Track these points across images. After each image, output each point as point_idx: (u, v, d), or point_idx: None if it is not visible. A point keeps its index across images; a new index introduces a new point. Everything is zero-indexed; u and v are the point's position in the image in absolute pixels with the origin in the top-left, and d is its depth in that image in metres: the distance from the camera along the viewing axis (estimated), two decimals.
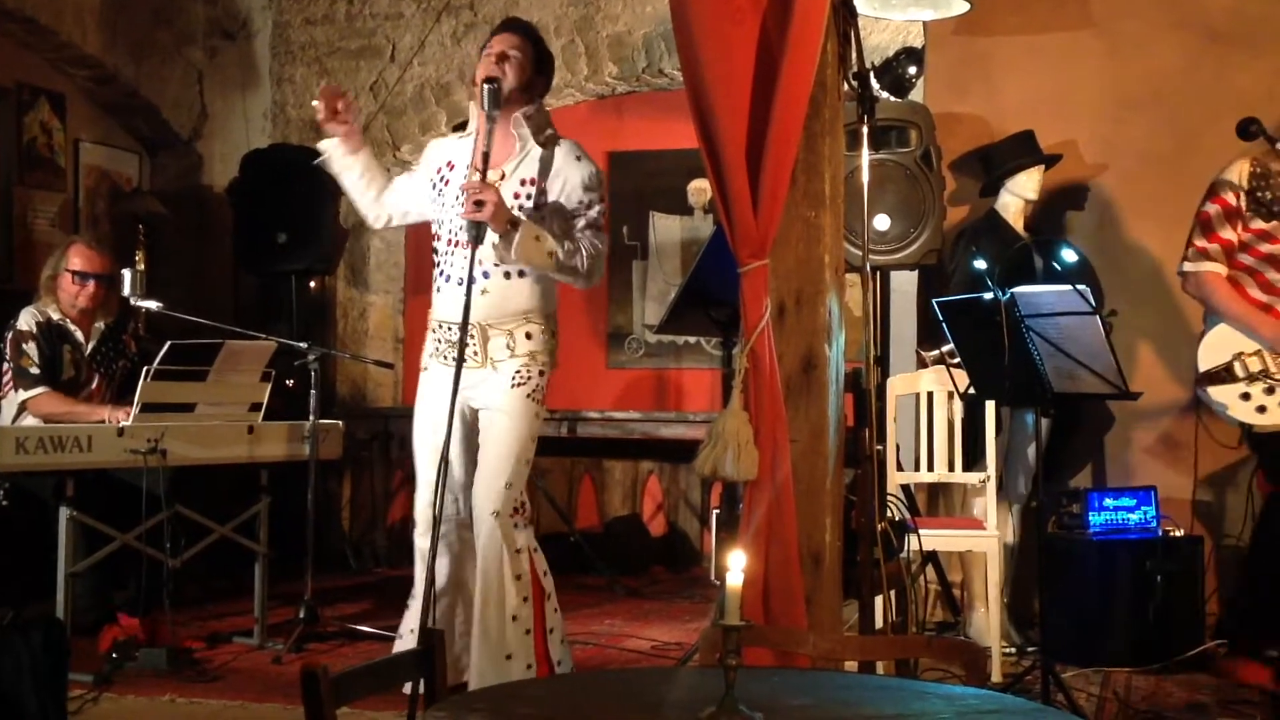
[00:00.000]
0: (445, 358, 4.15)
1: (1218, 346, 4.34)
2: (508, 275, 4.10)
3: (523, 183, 4.11)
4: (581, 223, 4.14)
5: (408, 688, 3.11)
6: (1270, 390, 4.29)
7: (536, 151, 4.14)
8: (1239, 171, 4.34)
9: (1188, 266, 4.42)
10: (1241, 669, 4.38)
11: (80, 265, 5.35)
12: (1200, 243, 4.40)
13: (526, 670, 4.09)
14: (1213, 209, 4.38)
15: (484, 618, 4.10)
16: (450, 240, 4.16)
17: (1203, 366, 4.43)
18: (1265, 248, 4.34)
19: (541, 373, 4.16)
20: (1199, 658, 4.73)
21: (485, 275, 4.08)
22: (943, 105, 5.61)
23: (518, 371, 4.12)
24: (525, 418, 4.13)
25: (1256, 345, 4.35)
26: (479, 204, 3.86)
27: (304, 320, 7.07)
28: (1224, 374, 4.31)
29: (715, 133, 3.29)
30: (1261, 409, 4.33)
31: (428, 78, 7.59)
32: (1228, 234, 4.36)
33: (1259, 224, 4.31)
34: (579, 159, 4.15)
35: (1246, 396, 4.34)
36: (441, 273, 4.19)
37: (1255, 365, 4.32)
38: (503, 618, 4.08)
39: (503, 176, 4.11)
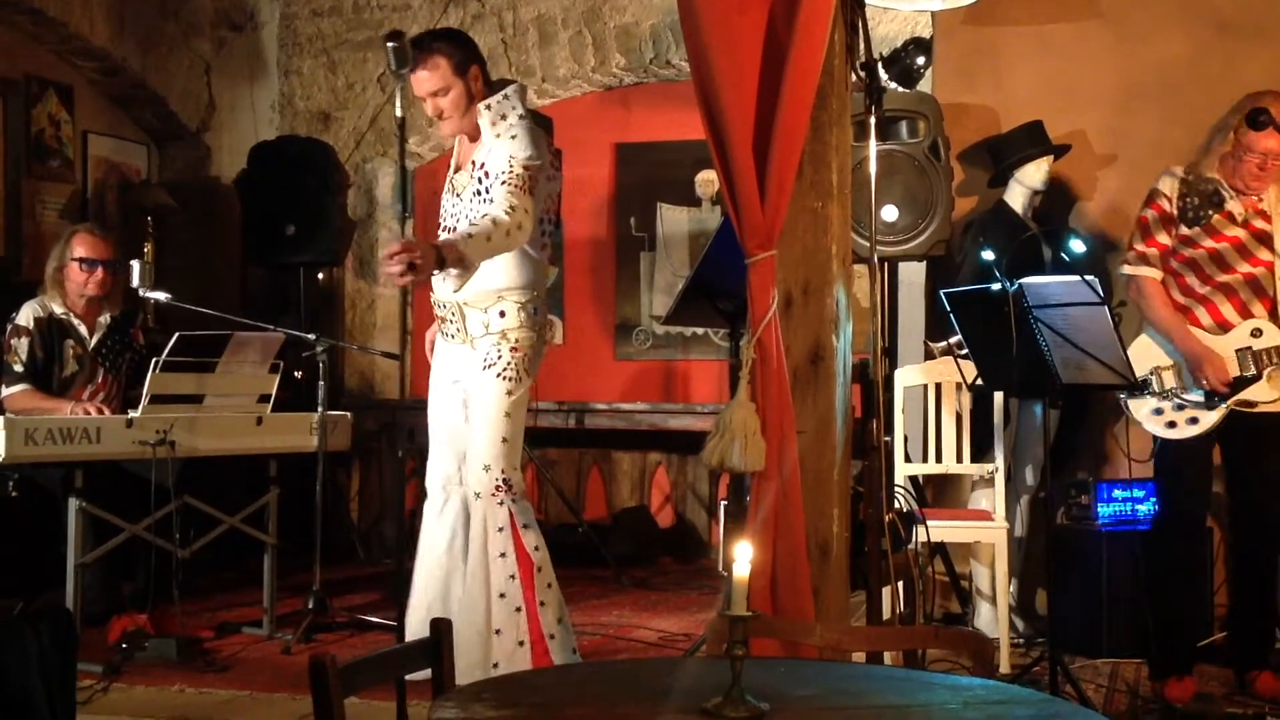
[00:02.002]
0: (445, 334, 4.42)
1: (1138, 359, 4.35)
2: None
3: (479, 167, 4.26)
4: (499, 182, 4.11)
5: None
6: (1180, 407, 4.36)
7: (492, 139, 4.24)
8: (1171, 179, 4.45)
9: (1128, 270, 4.48)
10: None
11: (86, 252, 5.33)
12: (1140, 247, 4.46)
13: (518, 647, 4.18)
14: (1150, 214, 4.46)
15: (469, 592, 4.23)
16: (443, 227, 4.35)
17: None
18: (1187, 252, 4.40)
19: (514, 349, 4.27)
20: (1207, 649, 4.72)
21: None
22: (951, 96, 5.59)
23: (487, 353, 4.28)
24: (495, 398, 4.26)
25: (1170, 359, 4.39)
26: (411, 266, 3.69)
27: (312, 312, 7.07)
28: (1141, 386, 4.34)
29: (722, 124, 3.29)
30: (1171, 424, 4.39)
31: None
32: (1163, 238, 4.42)
33: (1184, 229, 4.39)
34: (514, 137, 4.18)
35: (1159, 411, 4.40)
36: None
37: (1170, 380, 4.37)
38: (488, 594, 4.20)
39: (473, 166, 4.28)
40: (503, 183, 4.10)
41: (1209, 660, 4.68)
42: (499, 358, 4.26)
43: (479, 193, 4.22)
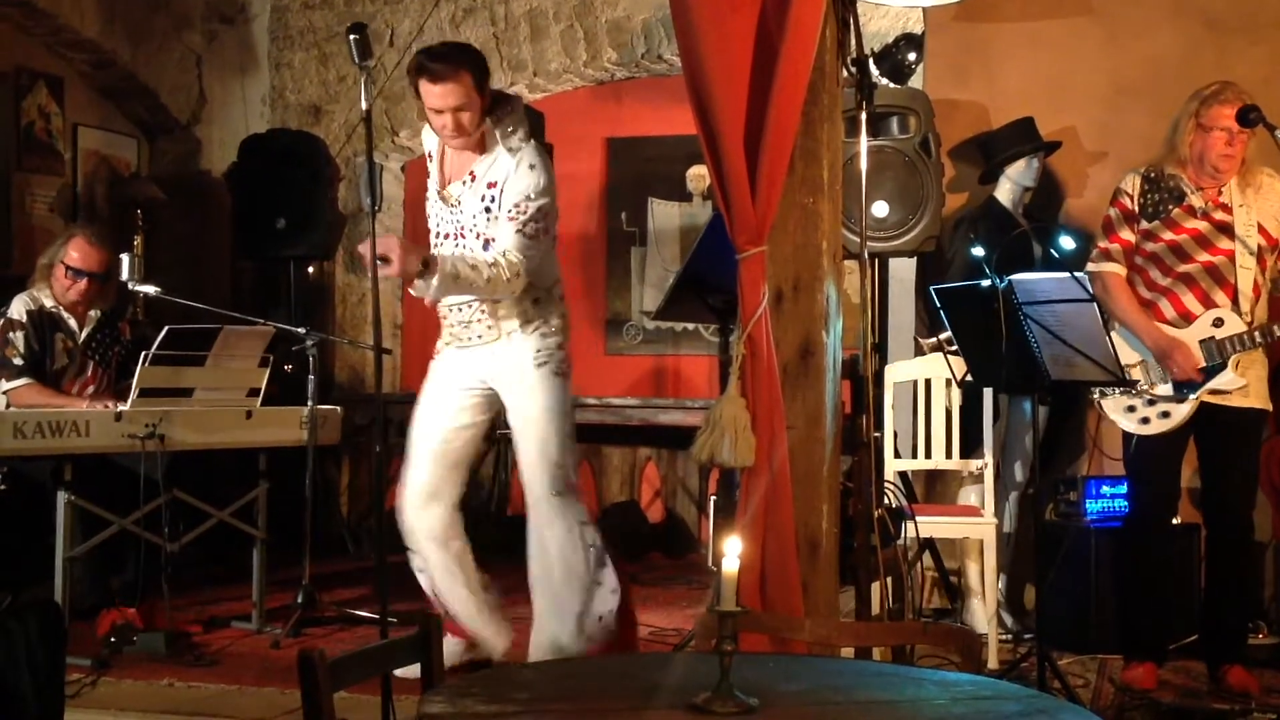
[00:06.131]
0: (462, 340, 4.28)
1: None
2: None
3: (489, 185, 4.18)
4: (511, 229, 4.10)
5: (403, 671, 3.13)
6: (1151, 402, 4.43)
7: (504, 155, 4.18)
8: (1135, 177, 4.51)
9: (1091, 267, 4.51)
10: None
11: (77, 261, 5.30)
12: (1102, 244, 4.54)
13: (612, 594, 4.27)
14: (1113, 212, 4.53)
15: (562, 590, 4.22)
16: (439, 234, 4.26)
17: None
18: (1149, 246, 4.45)
19: (560, 345, 4.25)
20: (1194, 645, 4.73)
21: None
22: (942, 92, 5.60)
23: (539, 350, 4.22)
24: (555, 393, 4.22)
25: (1138, 356, 4.43)
26: (384, 259, 3.83)
27: (302, 305, 7.06)
28: (1131, 383, 4.37)
29: (714, 119, 3.29)
30: (1145, 420, 4.45)
31: None
32: (1126, 235, 4.49)
33: (1144, 224, 4.45)
34: (531, 167, 4.14)
35: (1132, 409, 4.46)
36: None
37: (1138, 376, 4.41)
38: (586, 585, 4.23)
39: (472, 177, 4.19)
40: (518, 230, 4.08)
41: (1183, 655, 4.70)
42: (550, 355, 4.22)
43: (488, 209, 4.16)
